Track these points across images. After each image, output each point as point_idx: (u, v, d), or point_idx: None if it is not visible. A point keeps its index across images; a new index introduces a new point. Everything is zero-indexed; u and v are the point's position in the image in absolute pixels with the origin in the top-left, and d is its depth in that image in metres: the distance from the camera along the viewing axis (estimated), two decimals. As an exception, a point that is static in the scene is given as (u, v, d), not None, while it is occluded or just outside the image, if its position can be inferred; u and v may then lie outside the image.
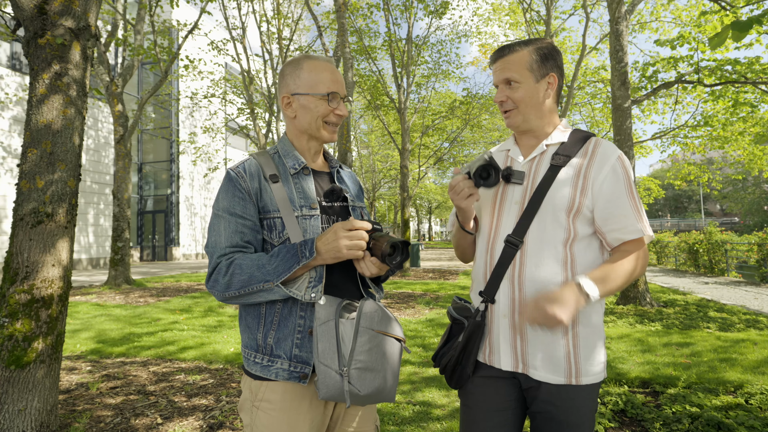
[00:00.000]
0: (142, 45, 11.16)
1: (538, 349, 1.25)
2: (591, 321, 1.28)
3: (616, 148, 1.31)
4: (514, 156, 1.40)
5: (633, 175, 1.30)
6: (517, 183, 1.28)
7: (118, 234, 10.63)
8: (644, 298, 7.45)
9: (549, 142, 1.35)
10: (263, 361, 1.22)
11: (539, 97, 1.33)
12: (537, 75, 1.32)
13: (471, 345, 1.30)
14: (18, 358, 2.67)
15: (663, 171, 47.53)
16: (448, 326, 1.40)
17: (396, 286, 10.78)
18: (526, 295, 1.25)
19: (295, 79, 1.32)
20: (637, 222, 1.24)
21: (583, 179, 1.27)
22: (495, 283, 1.29)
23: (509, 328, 1.28)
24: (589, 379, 1.25)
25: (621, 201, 1.25)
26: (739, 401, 3.18)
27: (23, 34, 3.33)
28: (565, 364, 1.24)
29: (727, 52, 9.23)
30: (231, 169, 1.29)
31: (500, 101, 1.35)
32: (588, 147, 1.32)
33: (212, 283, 1.21)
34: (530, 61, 1.31)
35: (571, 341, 1.25)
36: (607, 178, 1.26)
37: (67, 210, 2.92)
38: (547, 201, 1.27)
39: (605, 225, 1.27)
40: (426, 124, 18.78)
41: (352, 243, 1.15)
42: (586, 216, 1.27)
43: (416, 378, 3.90)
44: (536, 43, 1.34)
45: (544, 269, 1.25)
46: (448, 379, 1.36)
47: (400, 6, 14.69)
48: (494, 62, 1.37)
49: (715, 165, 22.59)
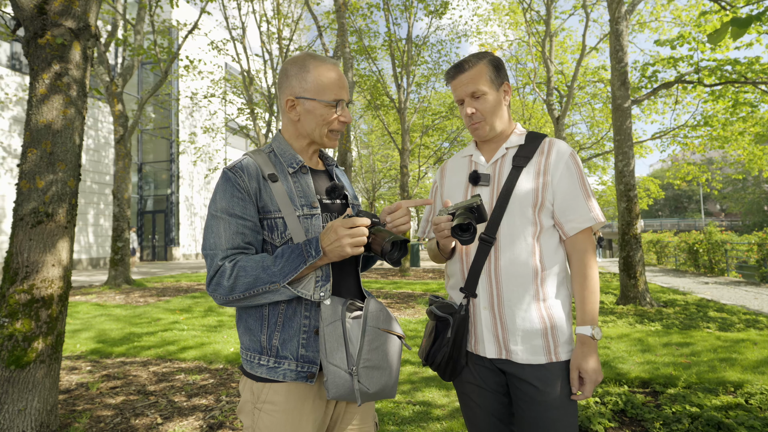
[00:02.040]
0: (142, 45, 11.16)
1: (518, 335, 1.35)
2: (562, 299, 1.39)
3: (568, 146, 1.44)
4: (477, 160, 1.50)
5: (584, 169, 1.45)
6: (484, 185, 1.42)
7: (118, 234, 10.63)
8: (644, 298, 7.45)
9: (508, 145, 1.46)
10: (269, 362, 1.21)
11: (501, 104, 1.45)
12: (496, 84, 1.43)
13: (459, 338, 1.39)
14: (18, 358, 2.67)
15: (663, 171, 47.55)
16: (431, 325, 1.46)
17: (396, 286, 10.78)
18: (503, 287, 1.36)
19: (301, 81, 1.28)
20: (590, 212, 1.38)
21: (543, 175, 1.39)
22: (474, 279, 1.39)
23: (490, 318, 1.38)
24: (567, 354, 1.36)
25: (576, 194, 1.38)
26: (739, 401, 3.18)
27: (23, 34, 3.33)
28: (543, 343, 1.35)
29: (727, 51, 9.23)
30: (228, 168, 1.24)
31: (470, 114, 1.43)
32: (544, 146, 1.44)
33: (214, 287, 1.17)
34: (488, 72, 1.42)
35: (548, 322, 1.35)
36: (563, 174, 1.39)
37: (67, 210, 2.92)
38: (513, 199, 1.38)
39: (563, 216, 1.39)
40: (426, 124, 18.79)
41: (355, 240, 1.13)
42: (548, 209, 1.39)
43: (416, 378, 3.90)
44: (487, 56, 1.45)
45: (517, 261, 1.36)
46: (442, 373, 1.43)
47: (400, 6, 14.70)
48: (453, 78, 1.45)
49: (715, 165, 22.60)
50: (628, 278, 7.57)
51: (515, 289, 1.35)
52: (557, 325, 1.36)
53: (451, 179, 1.55)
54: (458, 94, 1.45)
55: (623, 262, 7.63)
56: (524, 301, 1.35)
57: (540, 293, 1.35)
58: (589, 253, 1.40)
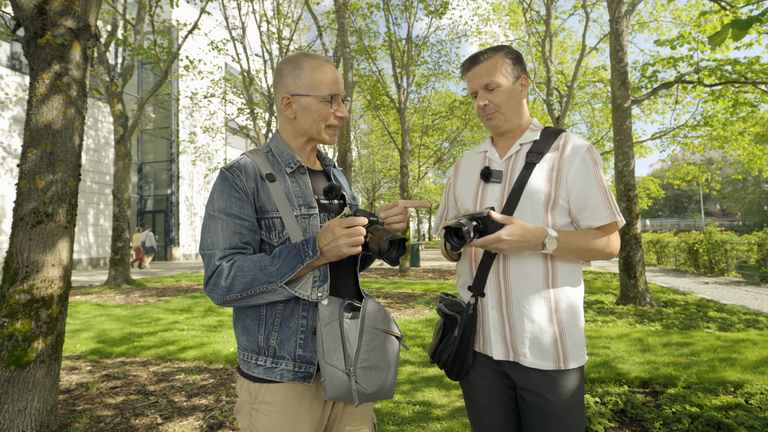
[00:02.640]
0: (142, 45, 11.16)
1: (526, 338, 1.31)
2: (573, 306, 1.34)
3: (585, 141, 1.38)
4: (491, 156, 1.47)
5: (602, 164, 1.39)
6: (496, 182, 1.38)
7: (118, 234, 10.64)
8: (644, 297, 7.45)
9: (523, 141, 1.42)
10: (266, 363, 1.20)
11: (518, 97, 1.41)
12: (512, 77, 1.39)
13: (467, 337, 1.37)
14: (18, 358, 2.67)
15: (663, 171, 47.54)
16: (440, 323, 1.45)
17: (396, 286, 10.78)
18: (512, 288, 1.33)
19: (295, 79, 1.28)
20: (606, 209, 1.32)
21: (557, 172, 1.34)
22: (482, 278, 1.37)
23: (498, 319, 1.35)
24: (576, 362, 1.32)
25: (592, 191, 1.33)
26: (739, 401, 3.18)
27: (23, 34, 3.33)
28: (552, 350, 1.30)
29: (727, 51, 9.23)
30: (225, 168, 1.24)
31: (483, 105, 1.41)
32: (559, 142, 1.39)
33: (212, 287, 1.17)
34: (504, 65, 1.39)
35: (557, 327, 1.31)
36: (579, 170, 1.33)
37: (67, 210, 2.92)
38: (524, 196, 1.34)
39: (579, 213, 1.34)
40: (426, 124, 18.78)
41: (352, 240, 1.13)
42: (563, 207, 1.34)
43: (416, 378, 3.90)
44: (505, 49, 1.42)
45: (527, 262, 1.32)
46: (449, 372, 1.41)
47: (400, 6, 14.70)
48: (468, 70, 1.43)
49: (715, 165, 22.60)
50: (628, 278, 7.57)
51: (524, 290, 1.32)
52: (567, 330, 1.31)
53: (464, 175, 1.52)
54: (472, 86, 1.42)
55: (623, 262, 7.63)
56: (534, 302, 1.31)
57: (551, 296, 1.31)
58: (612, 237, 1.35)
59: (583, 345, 1.35)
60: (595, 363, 4.23)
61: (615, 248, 1.37)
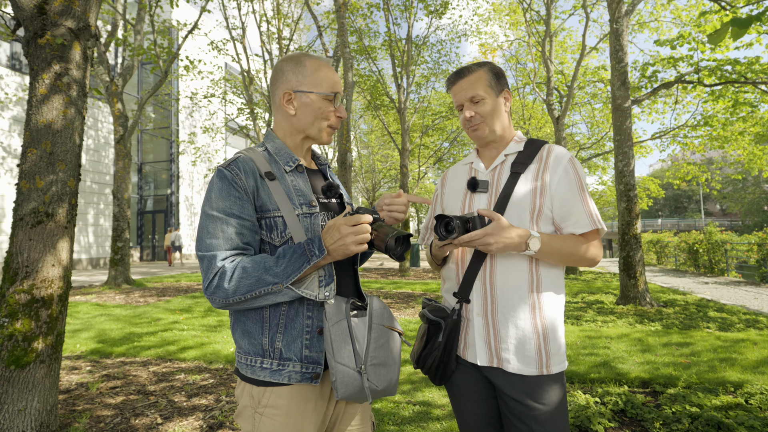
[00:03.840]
0: (142, 45, 11.16)
1: (510, 344, 1.34)
2: (556, 312, 1.38)
3: (567, 152, 1.43)
4: (477, 167, 1.51)
5: (584, 174, 1.43)
6: (483, 191, 1.43)
7: (118, 234, 10.64)
8: (644, 297, 7.46)
9: (507, 152, 1.47)
10: (272, 365, 1.18)
11: (501, 110, 1.47)
12: (496, 91, 1.46)
13: (450, 343, 1.39)
14: (18, 358, 2.67)
15: (663, 171, 47.56)
16: (423, 328, 1.46)
17: (396, 286, 10.78)
18: (498, 294, 1.36)
19: (298, 76, 1.27)
20: (587, 217, 1.36)
21: (541, 182, 1.38)
22: (468, 285, 1.39)
23: (483, 325, 1.37)
24: (558, 367, 1.35)
25: (574, 200, 1.37)
26: (739, 401, 3.18)
27: (23, 34, 3.33)
28: (536, 356, 1.33)
29: (727, 51, 9.23)
30: (224, 166, 1.19)
31: (469, 117, 1.45)
32: (542, 153, 1.44)
33: (213, 290, 1.12)
34: (488, 79, 1.45)
35: (541, 333, 1.34)
36: (561, 180, 1.38)
37: (67, 210, 2.92)
38: (511, 205, 1.38)
39: (562, 221, 1.39)
40: (426, 124, 18.79)
41: (359, 238, 1.12)
42: (547, 216, 1.38)
43: (416, 378, 3.90)
44: (488, 64, 1.48)
45: (512, 270, 1.36)
46: (433, 377, 1.44)
47: (400, 6, 14.70)
48: (454, 84, 1.49)
49: (715, 165, 22.60)
50: (628, 278, 7.57)
51: (510, 298, 1.34)
52: (550, 336, 1.34)
53: (451, 186, 1.56)
54: (458, 99, 1.47)
55: (623, 262, 7.63)
56: (519, 310, 1.34)
57: (536, 303, 1.34)
58: (594, 244, 1.38)
59: (564, 350, 1.38)
60: (595, 363, 4.23)
61: (596, 255, 1.39)
